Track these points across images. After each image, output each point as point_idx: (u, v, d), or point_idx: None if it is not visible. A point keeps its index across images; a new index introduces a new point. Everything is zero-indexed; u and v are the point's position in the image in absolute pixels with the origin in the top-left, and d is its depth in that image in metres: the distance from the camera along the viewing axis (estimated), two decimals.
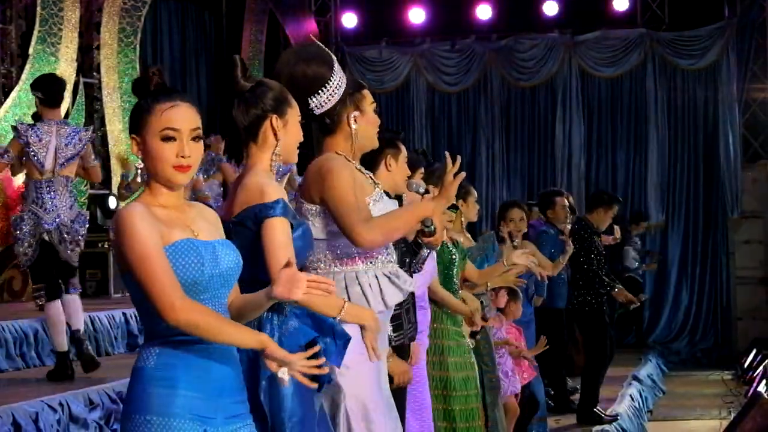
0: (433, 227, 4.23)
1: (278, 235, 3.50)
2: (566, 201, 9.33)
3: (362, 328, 3.81)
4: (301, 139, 3.80)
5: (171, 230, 2.99)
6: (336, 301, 3.71)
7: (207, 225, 3.12)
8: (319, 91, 4.03)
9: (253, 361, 3.48)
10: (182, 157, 3.00)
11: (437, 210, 4.13)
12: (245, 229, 3.55)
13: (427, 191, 4.55)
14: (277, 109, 3.69)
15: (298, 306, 3.54)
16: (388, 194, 4.38)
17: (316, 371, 2.99)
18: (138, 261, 2.90)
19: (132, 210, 2.96)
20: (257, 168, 3.69)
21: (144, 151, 3.02)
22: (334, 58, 4.20)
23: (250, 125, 3.70)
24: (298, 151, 3.83)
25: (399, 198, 4.72)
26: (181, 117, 3.02)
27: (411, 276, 4.54)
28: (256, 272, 3.47)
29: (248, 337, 2.97)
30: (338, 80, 4.07)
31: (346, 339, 3.59)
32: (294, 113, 3.74)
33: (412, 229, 4.38)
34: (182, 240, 3.00)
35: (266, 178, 3.62)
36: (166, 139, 3.00)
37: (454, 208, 6.02)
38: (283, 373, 2.98)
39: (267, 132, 3.69)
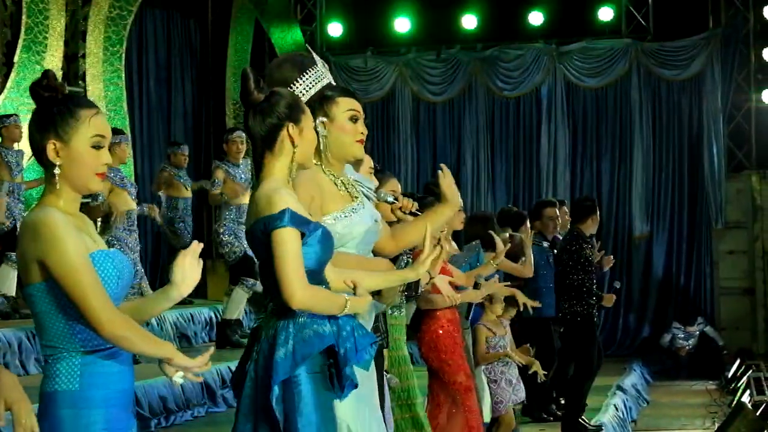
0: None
1: (286, 245, 3.47)
2: (556, 212, 9.66)
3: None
4: (315, 144, 3.78)
5: (86, 240, 2.96)
6: (338, 300, 3.59)
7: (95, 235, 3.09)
8: None
9: (265, 368, 3.50)
10: (105, 164, 3.00)
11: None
12: (259, 242, 3.54)
13: (396, 200, 4.48)
14: (291, 116, 3.65)
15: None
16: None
17: (205, 368, 2.99)
18: (69, 273, 2.85)
19: (54, 217, 2.89)
20: (270, 178, 3.64)
21: (66, 157, 2.96)
22: (320, 64, 4.15)
23: (267, 135, 3.65)
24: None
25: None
26: (106, 125, 3.03)
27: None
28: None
29: (160, 349, 2.95)
30: (307, 84, 4.00)
31: (373, 341, 3.62)
32: (308, 119, 3.70)
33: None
34: (99, 251, 2.97)
35: (276, 187, 3.58)
36: (96, 146, 2.98)
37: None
38: (179, 377, 2.98)
39: (284, 140, 3.65)
